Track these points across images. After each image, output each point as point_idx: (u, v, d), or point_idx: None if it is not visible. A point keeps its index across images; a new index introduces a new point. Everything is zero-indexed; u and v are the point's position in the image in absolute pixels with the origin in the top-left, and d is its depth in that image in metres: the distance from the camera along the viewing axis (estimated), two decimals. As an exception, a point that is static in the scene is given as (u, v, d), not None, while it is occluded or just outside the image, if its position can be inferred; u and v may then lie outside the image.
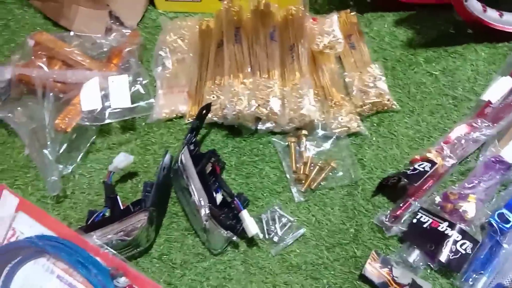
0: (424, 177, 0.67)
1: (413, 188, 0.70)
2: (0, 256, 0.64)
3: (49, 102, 0.80)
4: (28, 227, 0.66)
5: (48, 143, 0.77)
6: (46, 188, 0.77)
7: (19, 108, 0.82)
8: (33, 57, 0.83)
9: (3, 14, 1.02)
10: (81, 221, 0.74)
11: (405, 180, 0.69)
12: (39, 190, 0.79)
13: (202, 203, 0.68)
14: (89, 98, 0.77)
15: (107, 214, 0.72)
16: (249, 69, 0.83)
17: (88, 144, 0.82)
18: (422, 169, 0.68)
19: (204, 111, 0.78)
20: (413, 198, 0.70)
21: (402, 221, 0.69)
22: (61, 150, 0.79)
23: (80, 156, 0.81)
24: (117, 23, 0.99)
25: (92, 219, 0.70)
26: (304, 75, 0.81)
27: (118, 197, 0.71)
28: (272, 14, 0.91)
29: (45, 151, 0.77)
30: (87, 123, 0.78)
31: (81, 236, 0.64)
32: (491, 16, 0.84)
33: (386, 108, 0.82)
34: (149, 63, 0.93)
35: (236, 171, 0.79)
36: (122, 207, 0.70)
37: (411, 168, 0.69)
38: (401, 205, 0.70)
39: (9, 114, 0.82)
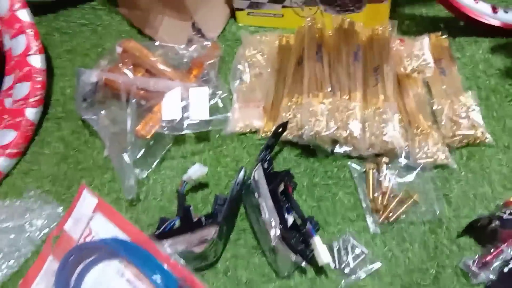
0: (524, 224, 0.60)
1: (507, 233, 0.63)
2: (76, 254, 0.66)
3: (132, 108, 0.82)
4: (104, 228, 0.68)
5: (128, 147, 0.79)
6: (122, 191, 0.79)
7: (103, 111, 0.86)
8: (120, 64, 0.86)
9: (92, 19, 1.08)
10: (151, 226, 0.75)
11: (498, 224, 0.62)
12: (115, 192, 0.81)
13: (273, 223, 0.66)
14: (170, 108, 0.79)
15: (178, 223, 0.72)
16: (329, 89, 0.80)
17: (164, 152, 0.84)
18: (521, 214, 0.61)
19: (280, 129, 0.76)
20: (505, 244, 0.63)
21: (491, 268, 0.62)
22: (139, 155, 0.81)
23: (155, 162, 0.83)
24: (199, 35, 1.01)
25: (164, 227, 0.71)
26: (389, 98, 0.77)
27: (190, 208, 0.71)
28: (356, 33, 0.88)
29: (124, 155, 0.79)
30: (166, 132, 0.79)
31: (154, 242, 0.65)
32: None
33: (478, 141, 0.75)
34: (226, 76, 0.94)
35: (308, 192, 0.76)
36: (194, 219, 0.70)
37: (507, 212, 0.62)
38: (491, 250, 0.63)
39: (93, 116, 0.86)
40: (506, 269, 0.61)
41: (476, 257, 0.64)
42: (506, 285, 0.60)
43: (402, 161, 0.74)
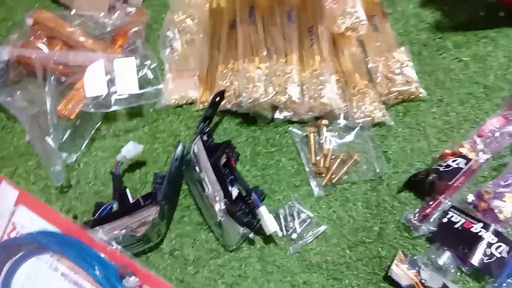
0: (459, 174, 0.62)
1: (444, 185, 0.65)
2: (0, 252, 0.60)
3: (50, 86, 0.74)
4: (29, 221, 0.62)
5: (51, 130, 0.72)
6: (50, 178, 0.72)
7: (18, 92, 0.77)
8: (32, 37, 0.77)
9: (-2, -12, 0.95)
10: (87, 213, 0.70)
11: (436, 176, 0.64)
12: (42, 179, 0.74)
13: (217, 197, 0.64)
14: (93, 83, 0.72)
15: (115, 207, 0.67)
16: (265, 53, 0.77)
17: (93, 131, 0.77)
18: (456, 166, 0.63)
19: (217, 98, 0.72)
20: (443, 196, 0.65)
21: (431, 220, 0.64)
22: (65, 138, 0.75)
23: (84, 144, 0.76)
24: (121, 1, 0.92)
25: (99, 212, 0.66)
26: (325, 59, 0.76)
27: (127, 190, 0.66)
28: (289, -8, 0.84)
29: (48, 139, 0.72)
30: (92, 110, 0.72)
31: (86, 231, 0.60)
32: (529, -3, 0.78)
33: (413, 96, 0.76)
34: (156, 44, 0.87)
35: (251, 162, 0.74)
36: (131, 200, 0.65)
37: (444, 164, 0.64)
38: (430, 203, 0.65)
39: (8, 98, 0.77)
40: (445, 220, 0.64)
41: (417, 210, 0.66)
42: (445, 235, 0.63)
43: (341, 122, 0.74)
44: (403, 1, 0.88)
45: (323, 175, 0.71)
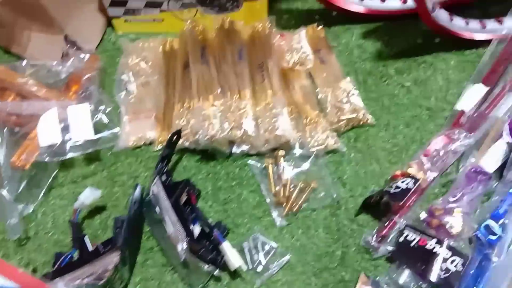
0: (408, 195, 0.65)
1: (397, 205, 0.68)
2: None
3: (3, 138, 0.73)
4: (-15, 280, 0.59)
5: (5, 182, 0.71)
6: (6, 231, 0.70)
7: (-30, 146, 0.76)
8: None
9: None
10: (47, 265, 0.68)
11: (390, 199, 0.66)
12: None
13: (179, 237, 0.64)
14: (47, 132, 0.71)
15: (76, 255, 0.66)
16: (218, 90, 0.79)
17: (50, 179, 0.76)
18: (405, 186, 0.66)
19: (174, 138, 0.73)
20: (398, 216, 0.68)
21: (389, 240, 0.67)
22: (20, 189, 0.73)
23: (42, 193, 0.75)
24: (74, 48, 0.93)
25: (59, 263, 0.64)
26: (276, 93, 0.79)
27: (86, 237, 0.65)
28: (238, 32, 0.88)
29: (2, 191, 0.70)
30: (46, 159, 0.71)
31: (46, 284, 0.59)
32: (458, 24, 0.85)
33: (362, 122, 0.80)
34: (111, 89, 0.88)
35: (213, 197, 0.75)
36: (91, 248, 0.64)
37: (394, 186, 0.67)
38: (386, 224, 0.68)
39: (-41, 152, 0.75)
40: (401, 239, 0.66)
41: (374, 232, 0.68)
42: (403, 253, 0.65)
43: (297, 151, 0.77)
44: (346, 34, 0.93)
45: (284, 204, 0.73)
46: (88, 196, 0.68)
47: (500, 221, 0.65)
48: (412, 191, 0.65)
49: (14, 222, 0.68)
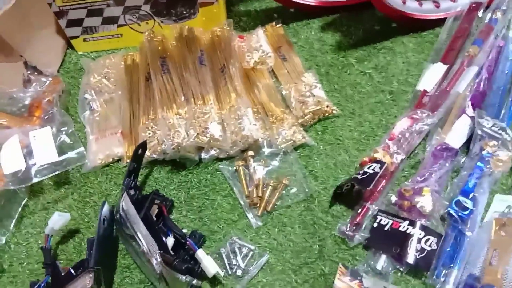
0: (376, 179, 0.65)
1: (368, 191, 0.68)
2: None
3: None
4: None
5: (-28, 216, 0.70)
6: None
7: None
8: None
9: None
10: (23, 296, 0.67)
11: (358, 185, 0.66)
12: (-28, 269, 0.71)
13: (152, 251, 0.63)
14: (10, 159, 0.70)
15: (50, 281, 0.64)
16: (182, 98, 0.79)
17: (20, 208, 0.75)
18: (372, 171, 0.66)
19: (139, 151, 0.72)
20: (369, 202, 0.68)
21: (363, 227, 0.67)
22: (-11, 221, 0.72)
23: (13, 224, 0.74)
24: (35, 73, 0.92)
25: (33, 292, 0.63)
26: (240, 95, 0.78)
27: (56, 262, 0.64)
28: (197, 38, 0.88)
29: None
30: (12, 187, 0.70)
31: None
32: (411, 6, 0.85)
33: (327, 114, 0.80)
34: (76, 109, 0.88)
35: (187, 207, 0.74)
36: (63, 272, 0.63)
37: (361, 172, 0.67)
38: (359, 211, 0.68)
39: None
40: (375, 224, 0.66)
41: (348, 221, 0.68)
42: (378, 239, 0.65)
43: (266, 150, 0.76)
44: (305, 29, 0.93)
45: (258, 205, 0.72)
46: (57, 220, 0.67)
47: (470, 195, 0.65)
48: (379, 175, 0.65)
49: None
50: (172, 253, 0.64)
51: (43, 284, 0.63)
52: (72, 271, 0.61)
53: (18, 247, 0.73)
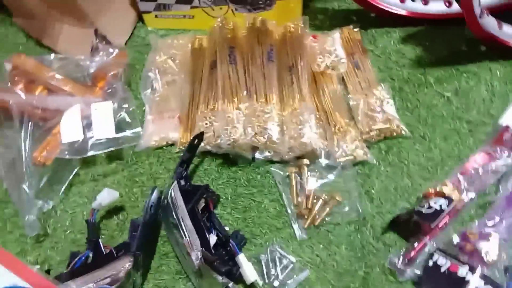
0: (441, 217, 0.60)
1: (428, 226, 0.63)
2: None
3: (27, 132, 0.73)
4: (1, 278, 0.59)
5: (26, 177, 0.71)
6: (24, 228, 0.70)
7: (-5, 137, 0.76)
8: (9, 83, 0.77)
9: (-17, 31, 0.96)
10: (63, 263, 0.68)
11: (420, 220, 0.61)
12: (19, 228, 0.72)
13: (194, 246, 0.61)
14: (69, 129, 0.71)
15: (91, 256, 0.65)
16: (245, 93, 0.76)
17: (71, 176, 0.76)
18: (438, 208, 0.61)
19: (195, 141, 0.71)
20: (428, 237, 0.63)
21: (416, 263, 0.62)
22: (41, 184, 0.73)
23: (62, 190, 0.75)
24: (104, 42, 0.93)
25: (73, 264, 0.63)
26: (305, 99, 0.75)
27: (100, 240, 0.64)
28: (269, 32, 0.84)
29: (23, 186, 0.71)
30: (67, 157, 0.71)
31: (58, 287, 0.58)
32: (508, 33, 0.78)
33: (395, 134, 0.75)
34: (137, 85, 0.87)
35: (232, 204, 0.72)
36: (104, 251, 0.63)
37: (426, 205, 0.62)
38: (415, 245, 0.63)
39: (-16, 143, 0.76)
40: (430, 263, 0.61)
41: (401, 253, 0.63)
42: (431, 279, 0.60)
43: (323, 161, 0.72)
44: (384, 38, 0.88)
45: (306, 217, 0.69)
46: (106, 197, 0.67)
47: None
48: (446, 212, 0.60)
49: (32, 219, 0.68)
50: (213, 251, 0.63)
51: (83, 258, 0.64)
52: (115, 251, 0.61)
53: (64, 214, 0.74)
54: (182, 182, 0.67)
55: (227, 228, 0.69)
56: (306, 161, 0.72)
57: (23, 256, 0.70)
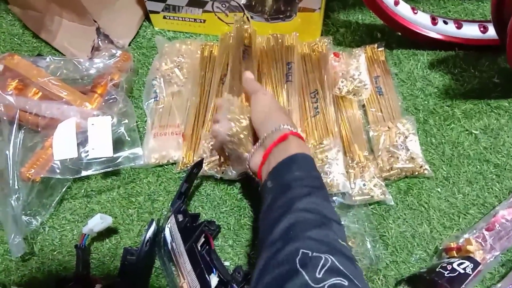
0: (466, 283, 0.54)
1: (444, 286, 0.57)
2: None
3: (17, 140, 0.67)
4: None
5: (13, 191, 0.65)
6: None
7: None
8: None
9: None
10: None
11: (444, 284, 0.56)
12: (3, 244, 0.67)
13: (193, 289, 0.56)
14: (63, 145, 0.65)
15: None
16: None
17: (63, 190, 0.70)
18: (462, 271, 0.55)
19: (195, 170, 0.65)
20: (445, 298, 0.58)
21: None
22: (30, 198, 0.67)
23: (53, 204, 0.69)
24: (106, 41, 0.85)
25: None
26: (333, 132, 0.68)
27: (89, 274, 0.58)
28: (289, 47, 0.77)
29: (10, 200, 0.65)
30: (58, 176, 0.65)
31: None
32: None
33: (417, 173, 0.68)
34: (140, 92, 0.81)
35: (235, 236, 0.67)
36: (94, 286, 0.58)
37: (448, 266, 0.57)
38: (431, 305, 0.58)
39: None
40: (446, 325, 0.56)
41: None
42: None
43: (337, 199, 0.66)
44: (410, 60, 0.80)
45: (314, 258, 0.64)
46: (98, 223, 0.62)
47: None
48: (470, 278, 0.55)
49: (17, 240, 0.63)
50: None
51: (69, 290, 0.59)
52: (102, 291, 0.55)
53: (53, 232, 0.68)
54: (181, 218, 0.60)
55: (227, 263, 0.64)
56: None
57: (6, 276, 0.65)
